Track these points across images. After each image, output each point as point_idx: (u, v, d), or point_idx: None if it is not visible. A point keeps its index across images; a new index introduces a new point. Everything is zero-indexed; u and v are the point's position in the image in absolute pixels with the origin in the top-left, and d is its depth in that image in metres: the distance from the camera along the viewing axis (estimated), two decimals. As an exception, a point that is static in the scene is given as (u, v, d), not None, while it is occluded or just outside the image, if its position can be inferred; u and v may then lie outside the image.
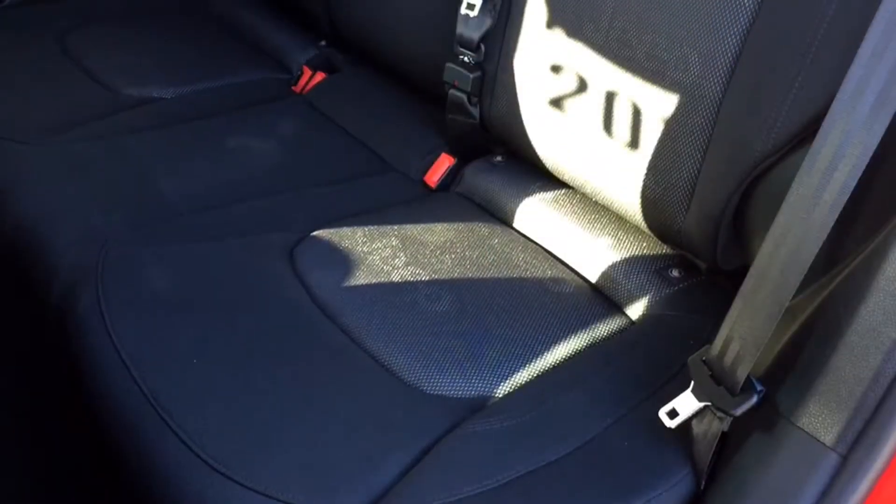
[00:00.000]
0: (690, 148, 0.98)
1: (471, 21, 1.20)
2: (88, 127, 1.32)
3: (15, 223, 1.14)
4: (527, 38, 1.16)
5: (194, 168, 1.27)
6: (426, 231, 1.16)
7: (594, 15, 1.06)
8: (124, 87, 1.44)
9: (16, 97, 1.39)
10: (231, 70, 1.56)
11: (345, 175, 1.32)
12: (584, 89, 1.09)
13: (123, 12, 1.72)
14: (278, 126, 1.41)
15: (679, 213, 1.02)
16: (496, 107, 1.24)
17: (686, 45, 0.96)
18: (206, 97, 1.47)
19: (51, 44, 1.54)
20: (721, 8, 0.93)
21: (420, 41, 1.36)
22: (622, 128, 1.05)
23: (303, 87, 1.56)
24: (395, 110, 1.47)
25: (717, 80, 0.94)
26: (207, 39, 1.67)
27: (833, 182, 0.71)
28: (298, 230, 1.14)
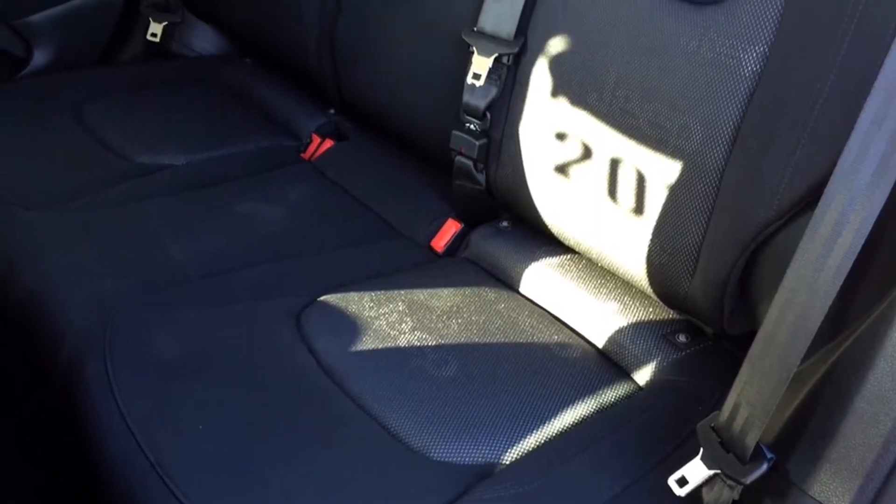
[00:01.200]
0: (694, 214, 0.99)
1: (477, 90, 1.23)
2: (101, 194, 1.34)
3: (25, 289, 1.15)
4: (532, 106, 1.18)
5: (204, 233, 1.28)
6: (433, 296, 1.16)
7: (597, 84, 1.09)
8: (137, 155, 1.47)
9: (30, 165, 1.41)
10: (241, 138, 1.59)
11: (352, 240, 1.33)
12: (589, 156, 1.11)
13: (137, 83, 1.76)
14: (287, 192, 1.43)
15: (684, 279, 1.02)
16: (502, 173, 1.25)
17: (688, 113, 0.98)
18: (217, 164, 1.50)
19: (65, 113, 1.57)
20: (721, 78, 0.95)
21: (427, 110, 1.39)
22: (626, 194, 1.06)
23: (311, 154, 1.59)
24: (402, 176, 1.49)
25: (719, 148, 0.96)
26: (219, 108, 1.70)
27: (837, 248, 0.71)
28: (306, 295, 1.15)
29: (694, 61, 0.98)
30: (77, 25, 1.82)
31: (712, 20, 0.96)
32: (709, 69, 0.96)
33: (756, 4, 0.92)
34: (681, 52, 0.99)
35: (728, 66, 0.94)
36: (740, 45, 0.93)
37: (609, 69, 1.07)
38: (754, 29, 0.92)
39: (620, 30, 1.06)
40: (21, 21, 1.75)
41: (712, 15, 0.96)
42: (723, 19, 0.95)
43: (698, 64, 0.97)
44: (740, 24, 0.93)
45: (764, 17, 0.91)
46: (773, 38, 0.91)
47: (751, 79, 0.93)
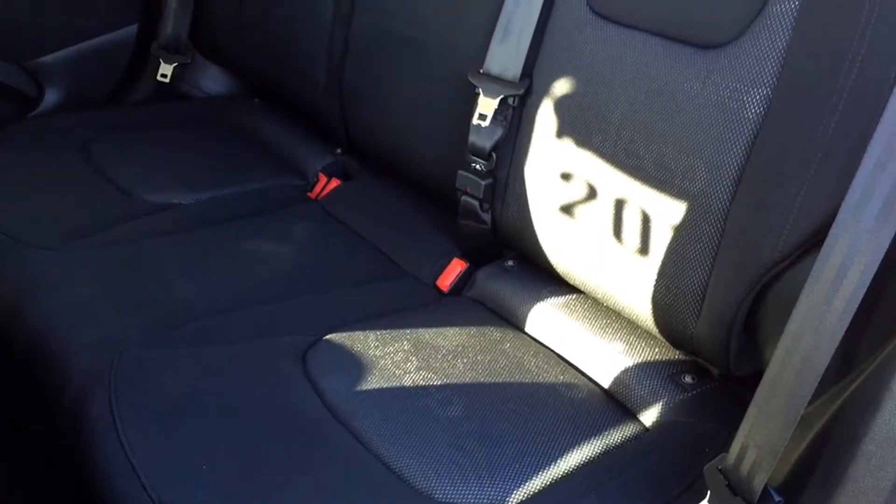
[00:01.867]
0: (700, 255, 0.99)
1: (483, 131, 1.24)
2: (108, 232, 1.35)
3: (33, 327, 1.16)
4: (537, 146, 1.19)
5: (211, 272, 1.29)
6: (438, 335, 1.16)
7: (602, 126, 1.10)
8: (145, 194, 1.48)
9: (38, 204, 1.43)
10: (249, 177, 1.61)
11: (358, 279, 1.33)
12: (594, 196, 1.12)
13: (146, 122, 1.78)
14: (293, 231, 1.44)
15: (690, 320, 1.02)
16: (507, 213, 1.26)
17: (692, 155, 0.99)
18: (224, 203, 1.51)
19: (75, 152, 1.58)
20: (726, 120, 0.96)
21: (433, 149, 1.40)
22: (632, 234, 1.07)
23: (318, 193, 1.60)
24: (408, 216, 1.50)
25: (724, 190, 0.96)
26: (226, 148, 1.72)
27: (843, 290, 0.71)
28: (311, 334, 1.15)
29: (698, 103, 0.99)
30: (88, 66, 1.85)
31: (715, 63, 0.98)
32: (713, 111, 0.97)
33: (759, 48, 0.93)
34: (685, 94, 1.00)
35: (732, 108, 0.95)
36: (744, 88, 0.94)
37: (614, 110, 1.08)
38: (757, 72, 0.93)
39: (625, 72, 1.07)
40: (34, 62, 1.78)
41: (715, 58, 0.98)
42: (726, 62, 0.96)
43: (702, 106, 0.98)
44: (743, 68, 0.94)
45: (767, 61, 0.92)
46: (776, 82, 0.92)
47: (754, 121, 0.94)
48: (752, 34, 0.94)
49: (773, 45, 0.92)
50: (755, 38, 0.94)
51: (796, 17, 0.90)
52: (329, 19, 1.59)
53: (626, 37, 1.08)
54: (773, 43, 0.92)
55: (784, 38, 0.91)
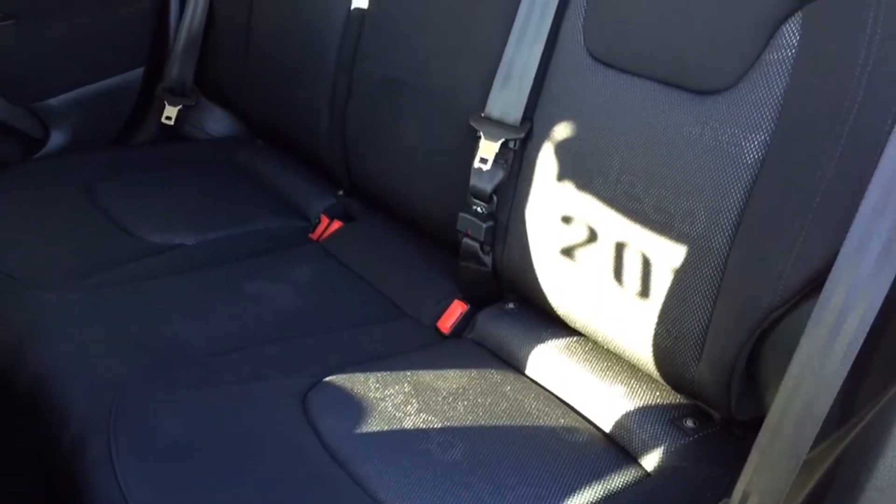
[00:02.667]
0: (700, 298, 1.00)
1: (484, 174, 1.25)
2: (111, 273, 1.35)
3: (34, 367, 1.16)
4: (538, 190, 1.20)
5: (212, 313, 1.29)
6: (439, 377, 1.16)
7: (602, 169, 1.11)
8: (148, 235, 1.49)
9: (42, 244, 1.43)
10: (251, 218, 1.62)
11: (359, 321, 1.33)
12: (595, 240, 1.12)
13: (150, 164, 1.80)
14: (295, 272, 1.44)
15: (691, 363, 1.02)
16: (508, 255, 1.26)
17: (692, 199, 1.00)
18: (227, 244, 1.52)
19: (79, 193, 1.60)
20: (724, 164, 0.97)
21: (435, 192, 1.41)
22: (632, 277, 1.07)
23: (320, 234, 1.61)
24: (409, 257, 1.50)
25: (724, 234, 0.97)
26: (230, 189, 1.73)
27: (843, 334, 0.72)
28: (312, 375, 1.15)
29: (697, 148, 1.00)
30: (94, 108, 1.87)
31: (714, 109, 0.99)
32: (712, 156, 0.98)
33: (756, 95, 0.94)
34: (684, 139, 1.01)
35: (731, 153, 0.96)
36: (742, 134, 0.95)
37: (614, 155, 1.09)
38: (755, 118, 0.94)
39: (624, 117, 1.09)
40: (40, 104, 1.80)
41: (714, 104, 0.99)
42: (724, 108, 0.98)
43: (701, 151, 0.99)
44: (742, 113, 0.96)
45: (764, 107, 0.94)
46: (773, 128, 0.93)
47: (753, 166, 0.94)
48: (750, 81, 0.95)
49: (770, 91, 0.93)
50: (752, 84, 0.95)
51: (793, 64, 0.92)
52: (332, 64, 1.62)
53: (626, 82, 1.09)
54: (770, 90, 0.93)
55: (781, 85, 0.92)
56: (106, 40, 1.87)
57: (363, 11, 1.56)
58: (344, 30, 1.60)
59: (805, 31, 0.91)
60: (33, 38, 1.74)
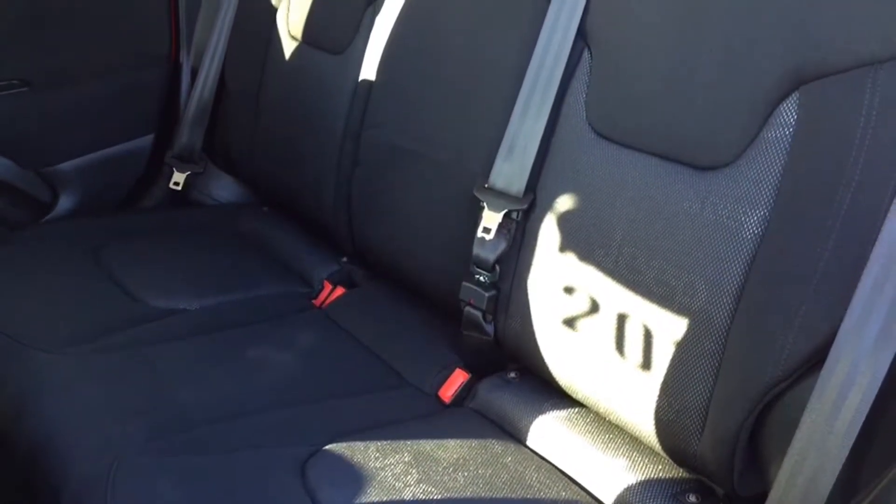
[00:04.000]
0: (702, 372, 1.00)
1: (487, 243, 1.26)
2: (113, 337, 1.35)
3: (33, 430, 1.15)
4: (540, 260, 1.21)
5: (213, 379, 1.29)
6: (439, 447, 1.15)
7: (604, 241, 1.12)
8: (152, 299, 1.49)
9: (46, 307, 1.44)
10: (255, 284, 1.62)
11: (360, 389, 1.33)
12: (597, 311, 1.13)
13: (157, 229, 1.82)
14: (297, 339, 1.45)
15: (693, 437, 1.02)
16: (510, 325, 1.27)
17: (693, 272, 1.01)
18: (230, 309, 1.52)
19: (85, 256, 1.61)
20: (724, 239, 0.98)
21: (438, 260, 1.42)
22: (634, 349, 1.07)
23: (323, 300, 1.61)
24: (411, 325, 1.51)
25: (725, 307, 0.97)
26: (234, 254, 1.75)
27: (845, 411, 0.72)
28: (312, 443, 1.14)
29: (697, 222, 1.01)
30: (103, 174, 1.90)
31: (714, 184, 1.01)
32: (712, 230, 1.00)
33: (755, 171, 0.96)
34: (684, 213, 1.03)
35: (730, 228, 0.98)
36: (741, 209, 0.97)
37: (615, 227, 1.11)
38: (755, 194, 0.96)
39: (626, 190, 1.10)
40: (50, 168, 1.83)
41: (714, 179, 1.01)
42: (724, 183, 0.99)
43: (701, 225, 1.01)
44: (741, 189, 0.97)
45: (763, 184, 0.95)
46: (773, 204, 0.95)
47: (753, 241, 0.96)
48: (749, 158, 0.97)
49: (769, 168, 0.95)
50: (751, 161, 0.97)
51: (791, 143, 0.94)
52: (340, 132, 1.65)
53: (627, 157, 1.12)
54: (769, 167, 0.95)
55: (780, 163, 0.94)
56: (117, 107, 1.91)
57: (371, 82, 1.60)
58: (352, 99, 1.63)
59: (802, 110, 0.93)
60: (46, 105, 1.78)
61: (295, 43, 1.77)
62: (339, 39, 1.67)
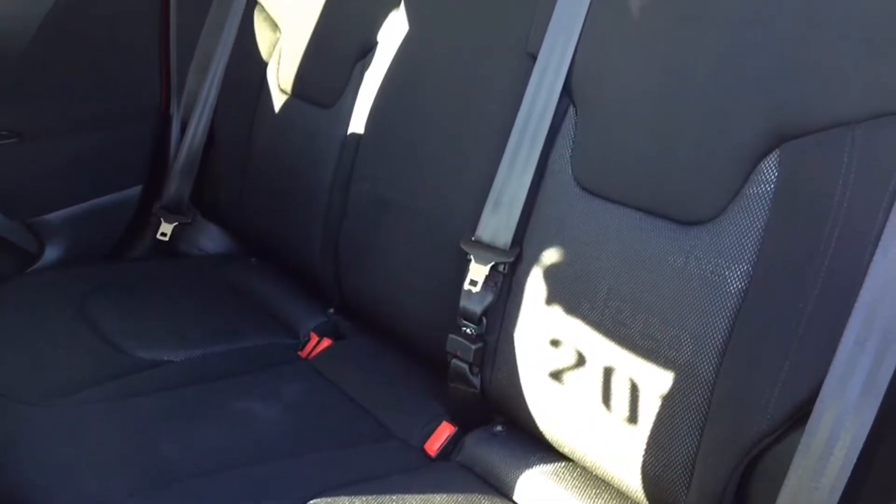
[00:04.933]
0: (688, 425, 1.00)
1: (474, 296, 1.27)
2: (97, 389, 1.34)
3: (12, 484, 1.13)
4: (527, 313, 1.22)
5: (197, 432, 1.27)
6: (425, 502, 1.14)
7: (590, 295, 1.13)
8: (136, 350, 1.48)
9: (29, 358, 1.43)
10: (241, 335, 1.62)
11: (346, 442, 1.32)
12: (583, 364, 1.13)
13: (143, 279, 1.81)
14: (283, 391, 1.44)
15: (680, 491, 1.01)
16: (497, 377, 1.27)
17: (678, 326, 1.01)
18: (215, 361, 1.51)
19: (70, 307, 1.60)
20: (708, 293, 0.99)
21: (425, 312, 1.43)
22: (620, 403, 1.07)
23: (309, 352, 1.61)
24: (398, 377, 1.50)
25: (710, 361, 0.98)
26: (221, 305, 1.74)
27: (830, 466, 0.72)
28: (296, 498, 1.12)
29: (682, 276, 1.02)
30: (90, 224, 1.90)
31: (698, 239, 1.02)
32: (696, 285, 1.01)
33: (738, 227, 0.98)
34: (669, 267, 1.04)
35: (714, 282, 0.99)
36: (725, 264, 0.98)
37: (601, 280, 1.12)
38: (737, 249, 0.97)
39: (611, 244, 1.11)
40: (37, 219, 1.82)
41: (697, 234, 1.02)
42: (707, 238, 1.01)
43: (686, 279, 1.02)
44: (724, 244, 0.99)
45: (746, 239, 0.97)
46: (756, 259, 0.96)
47: (737, 295, 0.97)
48: (731, 213, 0.99)
49: (751, 224, 0.97)
50: (734, 217, 0.98)
51: (772, 199, 0.95)
52: (328, 184, 1.66)
53: (612, 211, 1.13)
54: (751, 222, 0.97)
55: (762, 219, 0.96)
56: (106, 158, 1.92)
57: (359, 135, 1.61)
58: (340, 151, 1.65)
59: (783, 167, 0.95)
60: (36, 156, 1.79)
61: (285, 96, 1.79)
62: (328, 93, 1.69)
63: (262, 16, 1.89)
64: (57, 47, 1.73)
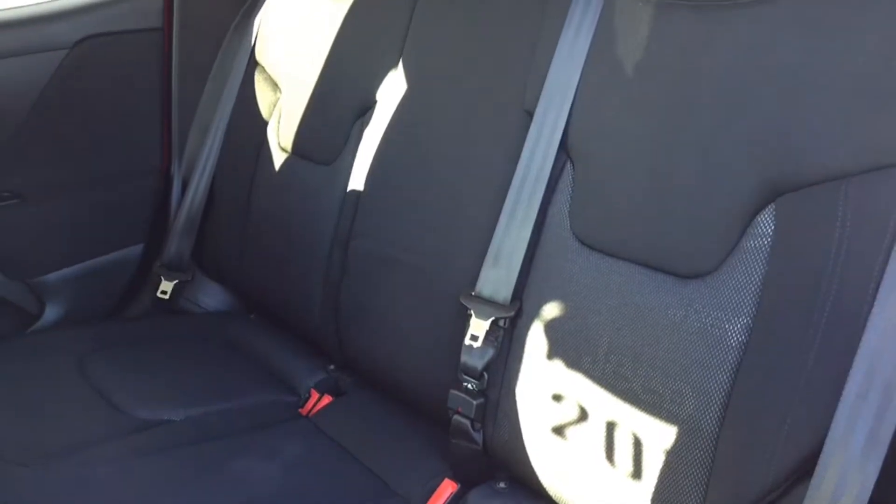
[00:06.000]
0: (692, 481, 0.99)
1: (475, 351, 1.27)
2: (96, 450, 1.33)
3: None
4: (528, 368, 1.22)
5: (197, 492, 1.26)
6: (429, 563, 1.13)
7: (591, 349, 1.13)
8: (136, 410, 1.47)
9: (29, 419, 1.42)
10: (241, 393, 1.61)
11: (347, 500, 1.31)
12: (585, 418, 1.12)
13: (143, 338, 1.81)
14: (283, 449, 1.42)
15: (687, 548, 1.00)
16: (499, 433, 1.26)
17: (679, 380, 1.01)
18: (215, 419, 1.50)
19: (70, 367, 1.59)
20: (709, 347, 0.99)
21: (426, 368, 1.42)
22: (624, 458, 1.07)
23: (310, 409, 1.60)
24: (399, 434, 1.49)
25: (713, 415, 0.98)
26: (221, 363, 1.74)
27: (836, 521, 0.71)
28: (297, 560, 1.11)
29: (682, 330, 1.02)
30: (90, 283, 1.90)
31: (697, 292, 1.02)
32: (696, 338, 1.01)
33: (736, 280, 0.98)
34: (669, 321, 1.04)
35: (715, 335, 0.99)
36: (725, 317, 0.98)
37: (601, 335, 1.12)
38: (737, 302, 0.98)
39: (611, 298, 1.12)
40: (37, 279, 1.83)
41: (696, 287, 1.03)
42: (707, 292, 1.01)
43: (686, 333, 1.02)
44: (723, 297, 0.99)
45: (745, 292, 0.97)
46: (755, 311, 0.96)
47: (737, 349, 0.97)
48: (730, 267, 1.00)
49: (749, 277, 0.97)
50: (732, 270, 0.99)
51: (769, 252, 0.96)
52: (328, 241, 1.67)
53: (611, 265, 1.14)
54: (749, 276, 0.97)
55: (759, 272, 0.97)
56: (107, 218, 1.93)
57: (359, 192, 1.63)
58: (340, 208, 1.66)
59: (779, 221, 0.96)
60: (37, 216, 1.80)
61: (285, 154, 1.81)
62: (328, 151, 1.71)
63: (262, 76, 1.92)
64: (59, 110, 1.75)
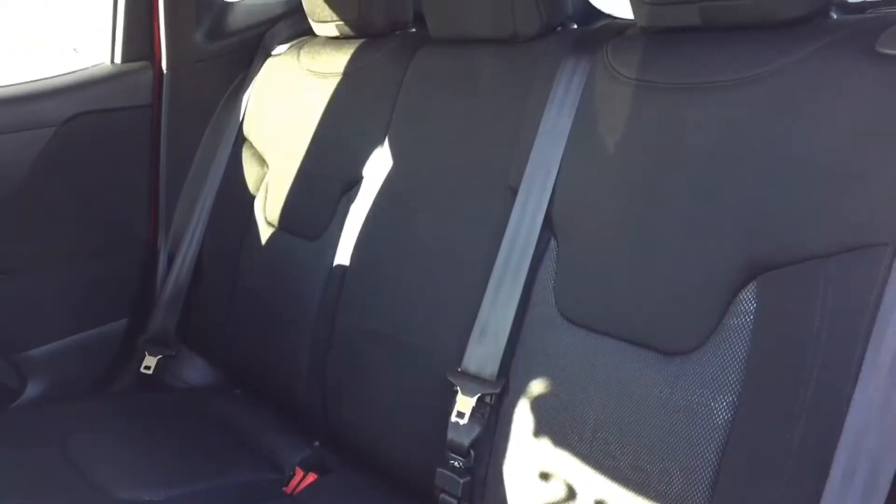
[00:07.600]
0: (682, 562, 0.98)
1: (461, 428, 1.26)
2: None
3: None
4: (515, 445, 1.21)
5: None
6: None
7: (577, 426, 1.12)
8: (118, 490, 1.44)
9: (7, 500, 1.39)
10: (224, 471, 1.58)
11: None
12: (573, 497, 1.11)
13: (126, 414, 1.78)
14: (267, 530, 1.40)
15: None
16: (487, 512, 1.24)
17: (667, 458, 1.01)
18: (199, 499, 1.47)
19: (52, 446, 1.56)
20: (695, 425, 0.99)
21: (412, 446, 1.41)
22: (613, 538, 1.05)
23: (294, 488, 1.57)
24: (384, 513, 1.47)
25: (701, 494, 0.97)
26: (204, 440, 1.71)
27: None
28: None
29: (668, 408, 1.02)
30: (74, 358, 1.88)
31: (682, 369, 1.03)
32: (683, 416, 1.01)
33: (720, 358, 0.99)
34: (655, 398, 1.04)
35: (701, 413, 0.99)
36: (710, 395, 0.99)
37: (588, 412, 1.12)
38: (722, 380, 0.98)
39: (597, 375, 1.12)
40: (19, 355, 1.81)
41: (682, 364, 1.03)
42: (691, 369, 1.02)
43: (672, 410, 1.02)
44: (708, 375, 1.00)
45: (729, 370, 0.98)
46: (740, 389, 0.97)
47: (724, 427, 0.97)
48: (713, 344, 1.00)
49: (733, 355, 0.98)
50: (716, 348, 1.00)
51: (752, 330, 0.97)
52: (314, 316, 1.66)
53: (597, 341, 1.14)
54: (733, 353, 0.98)
55: (743, 350, 0.97)
56: (92, 292, 1.92)
57: (345, 267, 1.63)
58: (326, 283, 1.66)
59: (761, 299, 0.97)
60: (22, 291, 1.79)
61: (271, 229, 1.82)
62: (314, 226, 1.72)
63: (249, 151, 1.94)
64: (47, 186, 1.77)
